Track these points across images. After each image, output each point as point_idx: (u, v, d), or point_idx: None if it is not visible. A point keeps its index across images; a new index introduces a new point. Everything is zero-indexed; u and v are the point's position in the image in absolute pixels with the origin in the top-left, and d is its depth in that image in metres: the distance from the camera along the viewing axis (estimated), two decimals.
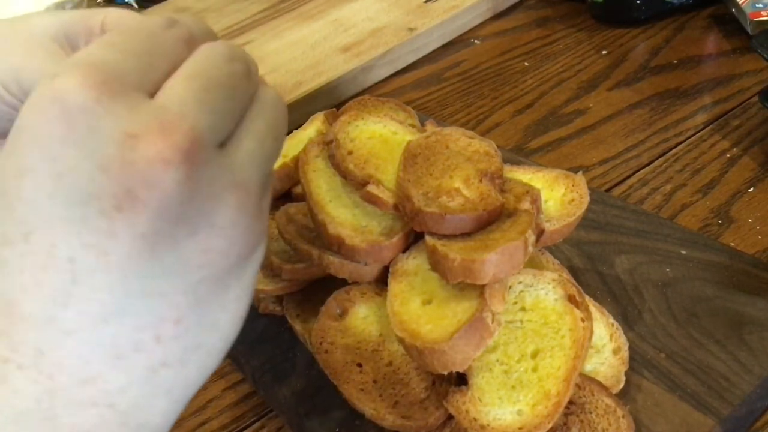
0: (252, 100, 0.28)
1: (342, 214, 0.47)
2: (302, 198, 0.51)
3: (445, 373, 0.40)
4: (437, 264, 0.41)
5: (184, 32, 0.28)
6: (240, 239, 0.26)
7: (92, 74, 0.24)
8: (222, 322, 0.27)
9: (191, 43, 0.28)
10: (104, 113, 0.23)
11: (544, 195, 0.47)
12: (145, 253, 0.24)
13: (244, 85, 0.28)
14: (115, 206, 0.23)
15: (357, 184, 0.47)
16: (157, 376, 0.25)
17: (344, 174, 0.48)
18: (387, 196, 0.46)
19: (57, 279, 0.23)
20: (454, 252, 0.39)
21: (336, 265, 0.46)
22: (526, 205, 0.42)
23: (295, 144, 0.58)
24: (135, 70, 0.25)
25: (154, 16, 0.28)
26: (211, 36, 0.30)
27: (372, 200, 0.46)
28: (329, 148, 0.50)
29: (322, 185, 0.48)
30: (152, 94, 0.25)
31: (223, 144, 0.26)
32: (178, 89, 0.26)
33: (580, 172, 0.49)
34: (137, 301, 0.24)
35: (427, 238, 0.42)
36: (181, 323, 0.25)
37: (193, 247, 0.25)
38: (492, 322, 0.38)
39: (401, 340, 0.40)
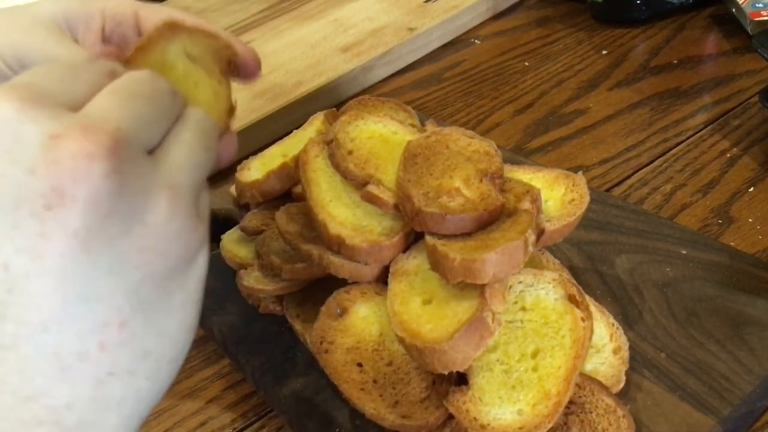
0: (179, 119, 0.30)
1: (342, 214, 0.47)
2: (302, 198, 0.51)
3: (446, 372, 0.40)
4: (437, 264, 0.41)
5: (107, 66, 0.29)
6: (175, 240, 0.26)
7: (15, 91, 0.25)
8: (169, 329, 0.27)
9: (114, 75, 0.29)
10: (27, 120, 0.24)
11: (544, 195, 0.47)
12: (79, 252, 0.23)
13: (167, 101, 0.29)
14: (44, 206, 0.23)
15: (357, 184, 0.47)
16: (104, 388, 0.24)
17: (344, 174, 0.48)
18: (387, 196, 0.46)
19: None
20: (455, 252, 0.39)
21: (336, 265, 0.46)
22: (526, 204, 0.42)
23: (295, 144, 0.58)
24: (58, 89, 0.26)
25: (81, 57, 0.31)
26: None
27: (372, 200, 0.46)
28: (329, 147, 0.50)
29: (323, 185, 0.48)
30: (76, 111, 0.26)
31: (151, 152, 0.27)
32: (101, 101, 0.27)
33: (580, 172, 0.49)
34: (77, 306, 0.23)
35: (427, 238, 0.42)
36: (126, 328, 0.25)
37: (128, 245, 0.25)
38: (492, 322, 0.38)
39: (401, 340, 0.40)
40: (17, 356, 0.23)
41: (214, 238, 0.55)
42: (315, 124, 0.60)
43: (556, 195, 0.48)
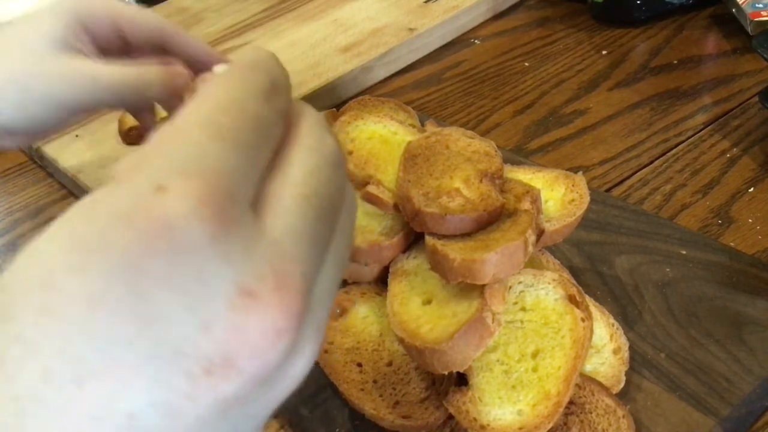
0: (341, 215, 0.24)
1: None
2: None
3: (446, 373, 0.40)
4: (437, 264, 0.41)
5: (284, 102, 0.24)
6: (299, 380, 0.23)
7: (207, 193, 0.19)
8: None
9: (289, 116, 0.24)
10: (218, 257, 0.19)
11: (544, 195, 0.47)
12: (217, 417, 0.20)
13: (342, 201, 0.24)
14: (204, 369, 0.19)
15: (357, 184, 0.47)
16: None
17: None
18: (387, 197, 0.46)
19: None
20: (455, 252, 0.39)
21: None
22: (526, 205, 0.42)
23: None
24: (245, 174, 0.21)
25: (237, 58, 0.24)
26: (289, 86, 0.25)
27: (372, 200, 0.46)
28: None
29: None
30: (257, 200, 0.22)
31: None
32: (291, 218, 0.22)
33: (581, 173, 0.49)
34: None
35: (427, 238, 0.42)
36: None
37: (263, 402, 0.22)
38: (492, 322, 0.38)
39: (401, 340, 0.40)
40: None
41: None
42: None
43: (557, 195, 0.48)
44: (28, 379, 0.18)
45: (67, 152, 0.73)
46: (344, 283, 0.48)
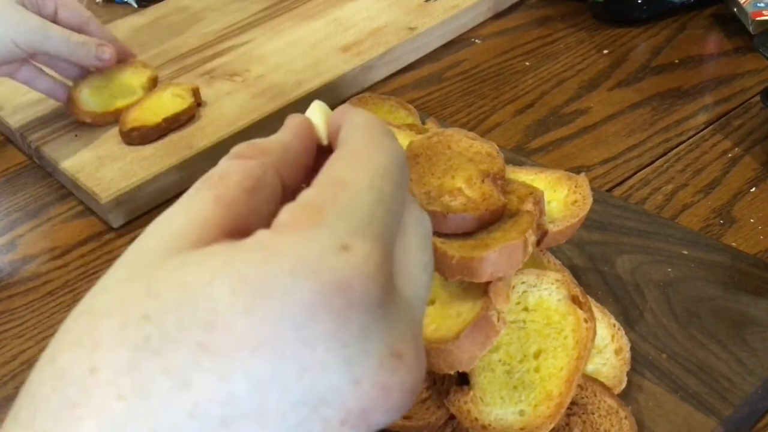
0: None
1: None
2: None
3: (451, 372, 0.39)
4: (436, 261, 0.40)
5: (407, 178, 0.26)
6: None
7: (383, 259, 0.21)
8: None
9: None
10: (380, 319, 0.20)
11: (546, 196, 0.47)
12: None
13: None
14: (342, 420, 0.20)
15: None
16: None
17: None
18: None
19: None
20: (453, 249, 0.39)
21: None
22: (528, 206, 0.42)
23: None
24: (395, 238, 0.23)
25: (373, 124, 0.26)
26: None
27: None
28: None
29: None
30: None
31: None
32: (418, 285, 0.24)
33: (583, 173, 0.49)
34: None
35: None
36: None
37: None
38: (497, 321, 0.38)
39: None
40: None
41: None
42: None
43: (559, 196, 0.48)
44: (175, 415, 0.19)
45: (67, 152, 0.73)
46: None
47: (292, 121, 0.29)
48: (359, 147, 0.24)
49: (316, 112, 0.30)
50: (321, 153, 0.28)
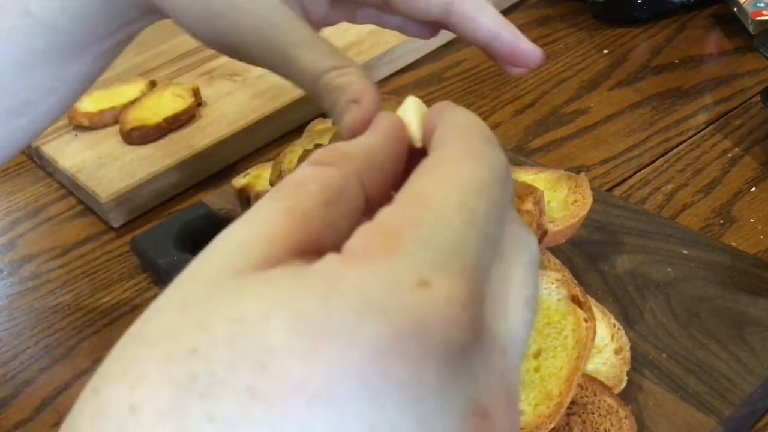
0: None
1: None
2: None
3: None
4: None
5: (513, 187, 0.22)
6: None
7: (469, 299, 0.18)
8: None
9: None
10: (463, 371, 0.17)
11: (546, 196, 0.47)
12: None
13: None
14: None
15: None
16: None
17: None
18: None
19: None
20: None
21: None
22: (528, 206, 0.42)
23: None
24: (490, 269, 0.19)
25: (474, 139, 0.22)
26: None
27: None
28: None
29: None
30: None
31: None
32: (515, 326, 0.20)
33: (583, 173, 0.49)
34: None
35: None
36: None
37: None
38: None
39: None
40: None
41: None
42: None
43: (559, 196, 0.48)
44: None
45: (67, 152, 0.73)
46: None
47: (383, 120, 0.25)
48: (452, 156, 0.21)
49: (410, 109, 0.25)
50: (414, 157, 0.24)
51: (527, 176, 0.49)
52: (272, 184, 0.54)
